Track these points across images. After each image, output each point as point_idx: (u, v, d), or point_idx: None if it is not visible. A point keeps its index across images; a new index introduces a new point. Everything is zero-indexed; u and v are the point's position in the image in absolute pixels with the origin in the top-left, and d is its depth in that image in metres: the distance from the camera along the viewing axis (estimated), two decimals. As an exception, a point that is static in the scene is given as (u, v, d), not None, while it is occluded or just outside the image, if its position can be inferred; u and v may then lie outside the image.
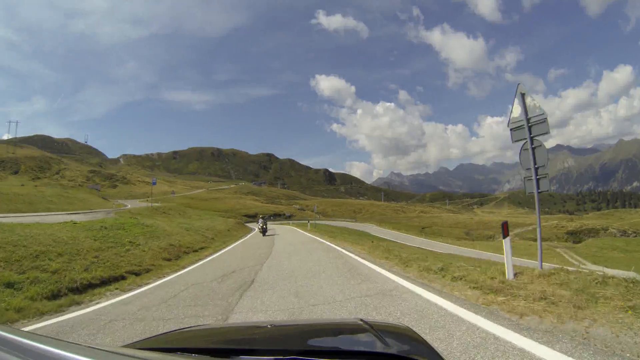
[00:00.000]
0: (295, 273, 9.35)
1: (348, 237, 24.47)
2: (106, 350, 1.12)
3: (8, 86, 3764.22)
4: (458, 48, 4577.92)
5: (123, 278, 10.56)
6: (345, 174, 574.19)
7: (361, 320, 2.02)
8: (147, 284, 9.92)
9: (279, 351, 1.47)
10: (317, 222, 73.69)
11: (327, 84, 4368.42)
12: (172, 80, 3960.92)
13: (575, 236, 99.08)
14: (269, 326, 2.08)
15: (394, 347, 1.52)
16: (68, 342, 1.10)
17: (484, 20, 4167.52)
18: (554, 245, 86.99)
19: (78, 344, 1.12)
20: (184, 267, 12.75)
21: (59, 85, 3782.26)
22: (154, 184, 43.60)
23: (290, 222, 73.68)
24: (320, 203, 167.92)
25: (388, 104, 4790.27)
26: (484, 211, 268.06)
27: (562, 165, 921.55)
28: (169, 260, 14.16)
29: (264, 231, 29.68)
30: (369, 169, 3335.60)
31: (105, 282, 9.85)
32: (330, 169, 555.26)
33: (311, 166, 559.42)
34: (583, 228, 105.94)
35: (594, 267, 57.83)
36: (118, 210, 35.61)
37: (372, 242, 25.04)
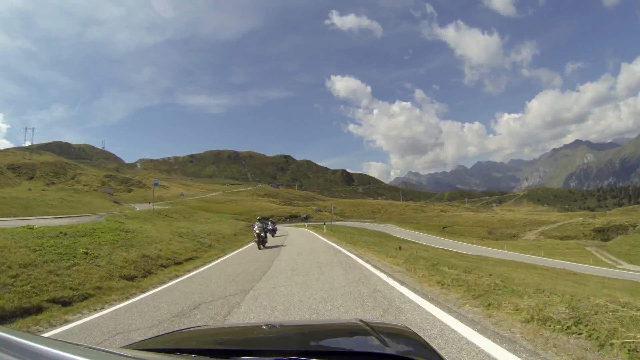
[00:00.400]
0: (291, 316, 5.49)
1: (371, 243, 20.40)
2: (106, 351, 1.13)
3: (28, 95, 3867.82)
4: (473, 44, 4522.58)
5: (39, 310, 7.07)
6: (363, 175, 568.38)
7: (361, 320, 2.00)
8: (66, 322, 6.44)
9: (279, 352, 1.46)
10: (334, 223, 70.12)
11: (342, 84, 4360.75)
12: (188, 84, 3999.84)
13: (603, 233, 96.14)
14: (268, 327, 2.09)
15: (394, 348, 1.52)
16: (68, 342, 1.10)
17: (498, 15, 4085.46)
18: (583, 243, 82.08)
19: (78, 344, 1.12)
20: (143, 291, 9.08)
21: (77, 93, 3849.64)
22: (156, 184, 40.45)
23: (307, 224, 69.98)
24: (338, 204, 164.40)
25: (404, 103, 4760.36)
26: (503, 209, 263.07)
27: (581, 161, 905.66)
28: (131, 279, 10.46)
29: (261, 242, 20.35)
30: (386, 169, 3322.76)
31: (2, 318, 6.39)
32: (348, 170, 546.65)
33: (328, 167, 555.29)
34: (610, 225, 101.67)
35: (632, 267, 53.28)
36: (115, 213, 32.36)
37: (400, 248, 21.16)
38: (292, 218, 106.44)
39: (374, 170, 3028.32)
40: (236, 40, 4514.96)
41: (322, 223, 52.31)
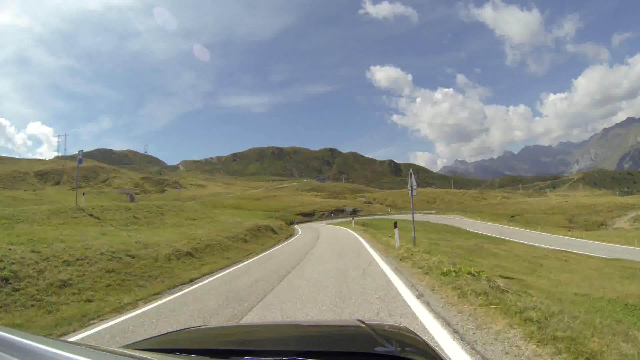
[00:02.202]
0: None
1: None
2: (106, 351, 1.12)
3: (75, 109, 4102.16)
4: (512, 23, 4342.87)
5: None
6: (411, 164, 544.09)
7: (360, 320, 1.99)
8: None
9: (279, 352, 1.45)
10: (386, 216, 53.35)
11: (382, 74, 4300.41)
12: (228, 86, 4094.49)
13: None
14: (268, 327, 2.18)
15: (394, 348, 1.51)
16: (68, 342, 1.10)
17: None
18: None
19: (78, 344, 1.10)
20: None
21: (121, 103, 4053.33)
22: (80, 162, 26.54)
23: (354, 219, 53.57)
24: (389, 195, 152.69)
25: (446, 89, 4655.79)
26: (557, 194, 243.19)
27: (634, 140, 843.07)
28: None
29: None
30: (432, 159, 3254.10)
31: None
32: (395, 160, 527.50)
33: (375, 158, 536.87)
34: None
35: None
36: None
37: None
38: (338, 212, 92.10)
39: (420, 160, 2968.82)
40: (272, 39, 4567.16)
41: (373, 217, 35.77)
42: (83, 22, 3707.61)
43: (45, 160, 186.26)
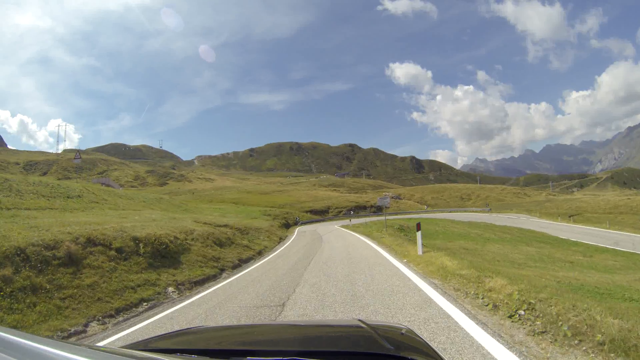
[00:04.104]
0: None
1: None
2: (106, 351, 1.11)
3: (97, 107, 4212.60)
4: (534, 18, 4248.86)
5: None
6: (433, 161, 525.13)
7: (360, 320, 2.00)
8: None
9: (279, 352, 1.45)
10: (424, 215, 37.91)
11: (402, 71, 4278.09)
12: (248, 83, 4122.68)
13: None
14: (268, 327, 2.16)
15: (394, 348, 1.50)
16: (68, 342, 1.10)
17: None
18: None
19: (78, 344, 1.11)
20: None
21: (141, 101, 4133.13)
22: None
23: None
24: (415, 191, 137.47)
25: (467, 86, 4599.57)
26: (585, 194, 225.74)
27: None
28: None
29: None
30: (453, 157, 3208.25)
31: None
32: (417, 157, 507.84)
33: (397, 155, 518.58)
34: None
35: None
36: None
37: None
38: (359, 209, 77.59)
39: (440, 158, 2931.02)
40: (291, 37, 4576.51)
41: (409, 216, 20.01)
42: (103, 22, 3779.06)
43: (48, 152, 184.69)
